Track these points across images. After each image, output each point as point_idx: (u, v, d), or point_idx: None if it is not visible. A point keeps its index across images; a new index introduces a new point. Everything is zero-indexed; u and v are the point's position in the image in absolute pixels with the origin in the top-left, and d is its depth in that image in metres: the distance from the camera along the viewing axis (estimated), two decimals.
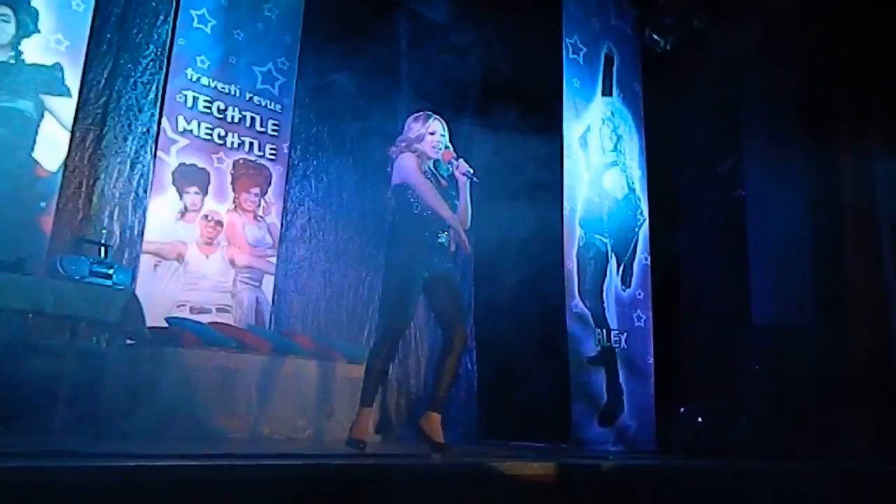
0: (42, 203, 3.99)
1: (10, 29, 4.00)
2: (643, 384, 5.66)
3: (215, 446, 3.04)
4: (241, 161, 5.06)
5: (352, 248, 5.72)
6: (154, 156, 4.67)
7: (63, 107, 4.11)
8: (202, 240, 4.81)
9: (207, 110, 4.94)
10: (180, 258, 4.68)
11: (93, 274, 3.46)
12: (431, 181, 3.26)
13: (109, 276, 3.52)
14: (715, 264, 6.73)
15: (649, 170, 6.21)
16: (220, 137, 4.99)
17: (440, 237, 3.21)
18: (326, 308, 5.51)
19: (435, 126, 3.33)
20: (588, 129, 5.90)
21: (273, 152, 5.22)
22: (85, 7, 4.24)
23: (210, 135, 4.94)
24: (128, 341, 3.86)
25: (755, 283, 5.82)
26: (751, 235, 5.98)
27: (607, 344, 5.56)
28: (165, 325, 4.08)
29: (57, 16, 4.14)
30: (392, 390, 5.51)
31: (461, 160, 3.25)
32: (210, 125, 4.94)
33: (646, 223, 6.07)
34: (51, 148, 4.04)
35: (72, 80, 4.15)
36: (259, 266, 5.02)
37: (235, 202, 5.00)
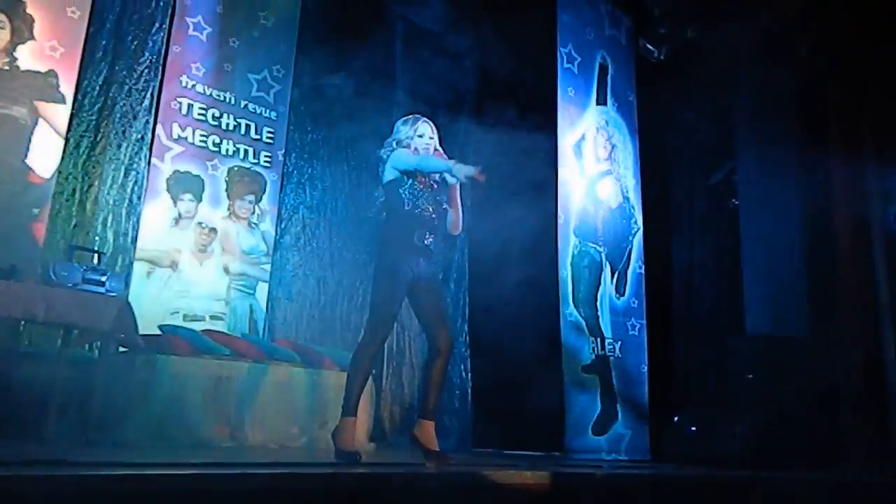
0: (35, 210, 3.98)
1: (5, 35, 3.99)
2: (637, 393, 5.67)
3: (207, 454, 3.03)
4: (236, 168, 5.06)
5: (346, 256, 5.72)
6: (148, 163, 4.67)
7: (57, 113, 4.10)
8: (196, 247, 4.80)
9: (202, 117, 4.94)
10: (174, 265, 4.67)
11: (86, 281, 3.45)
12: (425, 181, 3.20)
13: (102, 284, 3.50)
14: (709, 273, 6.75)
15: (643, 179, 6.24)
16: (215, 144, 4.99)
17: (426, 239, 3.17)
18: (320, 316, 5.50)
19: (423, 129, 3.29)
20: (582, 138, 5.92)
21: (268, 160, 5.22)
22: (80, 14, 4.24)
23: (205, 142, 4.94)
24: (120, 349, 3.84)
25: (749, 292, 5.83)
26: (744, 244, 6.00)
27: (601, 352, 5.57)
28: (158, 333, 4.06)
29: (52, 22, 4.13)
30: (385, 398, 5.50)
31: (461, 165, 3.15)
32: (205, 132, 4.94)
33: (640, 232, 6.09)
34: (45, 154, 4.03)
35: (66, 87, 4.14)
36: (253, 273, 5.01)
37: (230, 209, 5.00)
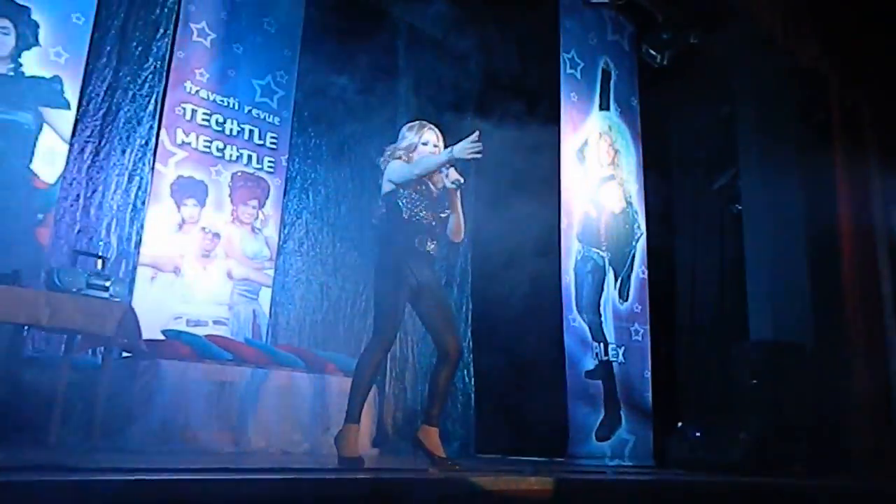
0: (40, 215, 3.98)
1: (10, 41, 4.01)
2: (641, 398, 5.65)
3: (211, 460, 3.02)
4: (239, 173, 5.07)
5: (349, 261, 5.72)
6: (152, 168, 4.68)
7: (62, 119, 4.11)
8: (199, 252, 4.81)
9: (206, 123, 4.95)
10: (177, 270, 4.68)
11: (89, 286, 3.45)
12: (423, 190, 3.18)
13: (106, 289, 3.50)
14: (712, 278, 6.74)
15: (646, 184, 6.24)
16: (219, 150, 5.00)
17: (428, 246, 3.16)
18: (323, 321, 5.50)
19: (428, 136, 3.28)
20: (585, 143, 5.92)
21: (271, 165, 5.23)
22: (85, 20, 4.25)
23: (208, 147, 4.95)
24: (124, 354, 3.84)
25: (752, 298, 5.82)
26: (748, 250, 5.99)
27: (605, 358, 5.55)
28: (162, 338, 4.07)
29: (57, 28, 4.15)
30: (388, 404, 5.49)
31: (451, 169, 3.14)
32: (208, 138, 4.95)
33: (643, 237, 6.08)
34: (49, 160, 4.04)
35: (71, 93, 4.15)
36: (256, 278, 5.02)
37: (233, 214, 5.01)
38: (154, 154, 4.69)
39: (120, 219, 4.57)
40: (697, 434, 4.83)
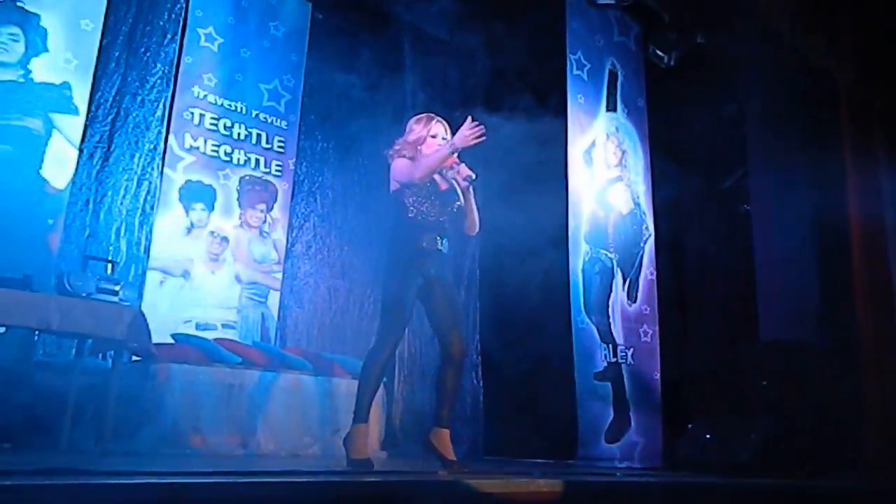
0: (50, 220, 4.01)
1: (20, 48, 4.04)
2: (650, 400, 5.63)
3: (221, 463, 3.03)
4: (247, 177, 5.09)
5: (357, 264, 5.73)
6: (161, 173, 4.70)
7: (71, 125, 4.14)
8: (208, 256, 4.83)
9: (214, 127, 4.97)
10: (186, 274, 4.70)
11: (99, 290, 3.47)
12: (429, 186, 3.13)
13: (116, 293, 3.52)
14: (721, 279, 6.71)
15: (654, 185, 6.22)
16: (227, 154, 5.02)
17: (437, 244, 3.10)
18: (331, 324, 5.52)
19: (437, 129, 3.22)
20: (593, 145, 5.92)
21: (279, 169, 5.25)
22: (93, 26, 4.28)
23: (216, 151, 4.97)
24: (134, 358, 3.86)
25: (762, 298, 5.79)
26: (757, 250, 5.96)
27: (613, 359, 5.54)
28: (171, 342, 4.08)
29: (66, 35, 4.18)
30: (397, 406, 5.49)
31: (462, 164, 3.11)
32: (216, 142, 4.98)
33: (651, 238, 6.06)
34: (59, 165, 4.07)
35: (80, 99, 4.18)
36: (264, 282, 5.03)
37: (241, 218, 5.03)
38: (163, 159, 4.72)
39: (129, 223, 4.59)
40: (707, 435, 4.80)
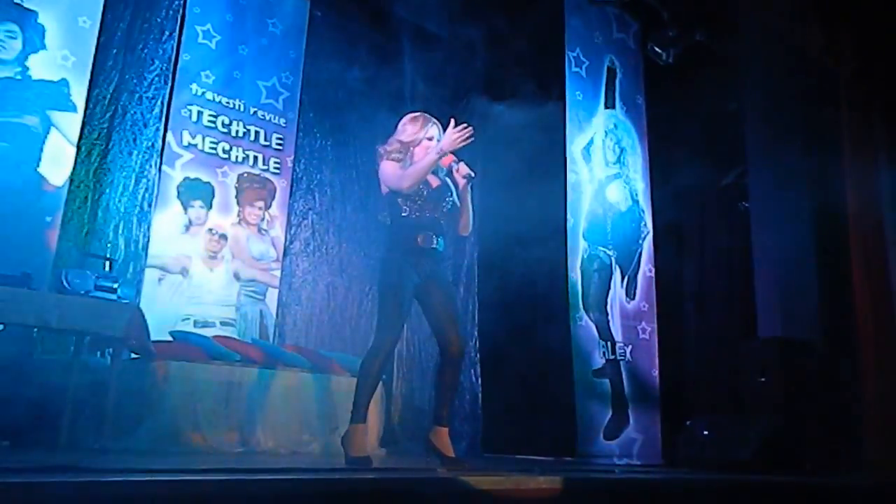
0: (48, 217, 4.00)
1: (17, 45, 4.03)
2: (649, 397, 5.64)
3: (220, 461, 3.03)
4: (246, 175, 5.09)
5: (355, 261, 5.73)
6: (159, 170, 4.70)
7: (69, 122, 4.13)
8: (206, 253, 4.83)
9: (212, 125, 4.97)
10: (185, 272, 4.70)
11: (98, 288, 3.47)
12: (420, 187, 3.08)
13: (114, 291, 3.52)
14: (720, 276, 6.71)
15: (652, 182, 6.22)
16: (225, 151, 5.01)
17: (432, 242, 3.07)
18: (330, 321, 5.52)
19: (433, 131, 3.17)
20: (591, 142, 5.92)
21: (277, 166, 5.24)
22: (91, 23, 4.27)
23: (214, 149, 4.97)
24: (132, 355, 3.86)
25: (760, 295, 5.79)
26: (755, 247, 5.96)
27: (612, 356, 5.54)
28: (170, 339, 4.08)
29: (63, 32, 4.17)
30: (396, 404, 5.50)
31: (462, 163, 3.09)
32: (214, 139, 4.97)
33: (650, 235, 6.07)
34: (56, 163, 4.06)
35: (78, 96, 4.17)
36: (263, 279, 5.03)
37: (240, 216, 5.02)
38: (161, 156, 4.71)
39: (127, 221, 4.59)
40: (706, 432, 4.81)
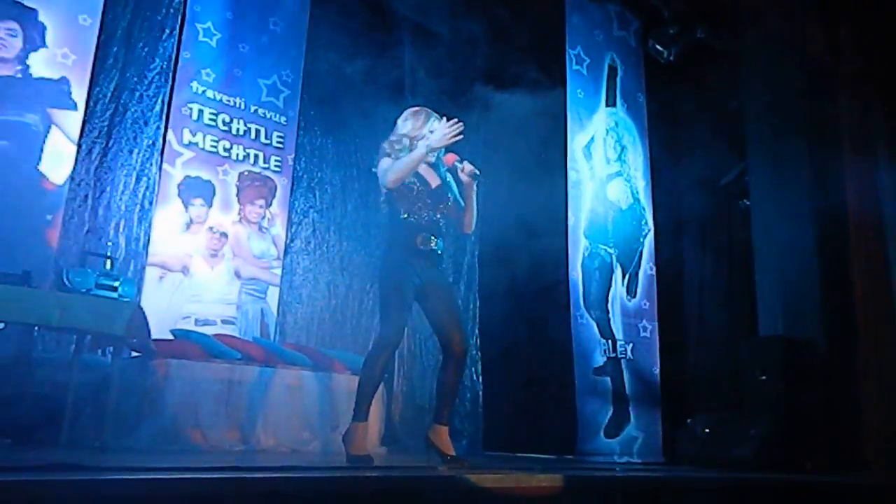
0: (48, 216, 4.01)
1: (18, 43, 4.03)
2: (650, 395, 5.64)
3: (220, 459, 3.03)
4: (246, 173, 5.08)
5: (356, 260, 5.73)
6: (159, 168, 4.70)
7: (69, 120, 4.13)
8: (207, 252, 4.82)
9: (213, 123, 4.96)
10: (185, 270, 4.69)
11: (98, 286, 3.47)
12: (419, 187, 3.08)
13: (115, 289, 3.52)
14: (720, 274, 6.71)
15: (653, 180, 6.22)
16: (226, 150, 5.01)
17: (430, 244, 3.06)
18: (331, 319, 5.51)
19: (435, 126, 3.13)
20: (592, 140, 5.91)
21: (278, 164, 5.24)
22: (91, 21, 4.27)
23: (215, 147, 4.96)
24: (133, 353, 3.86)
25: (761, 294, 5.79)
26: (756, 245, 5.95)
27: (613, 354, 5.55)
28: (171, 338, 4.08)
29: (64, 30, 4.17)
30: (397, 402, 5.50)
31: (466, 162, 3.08)
32: (215, 137, 4.97)
33: (651, 233, 6.07)
34: (57, 161, 4.06)
35: (78, 94, 4.17)
36: (264, 277, 5.03)
37: (240, 214, 5.02)
38: (161, 154, 4.71)
39: (128, 219, 4.59)
40: (706, 430, 4.82)
